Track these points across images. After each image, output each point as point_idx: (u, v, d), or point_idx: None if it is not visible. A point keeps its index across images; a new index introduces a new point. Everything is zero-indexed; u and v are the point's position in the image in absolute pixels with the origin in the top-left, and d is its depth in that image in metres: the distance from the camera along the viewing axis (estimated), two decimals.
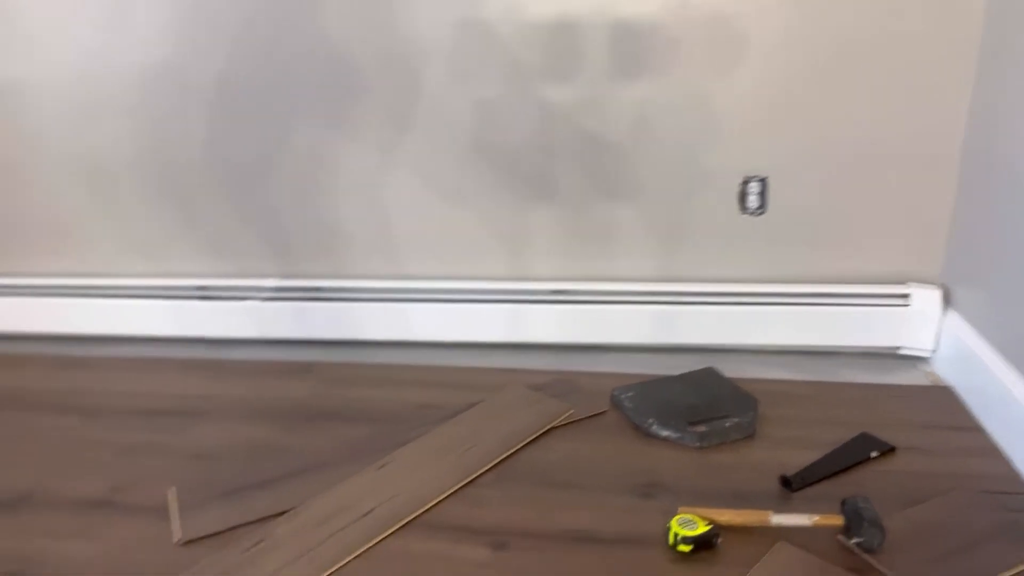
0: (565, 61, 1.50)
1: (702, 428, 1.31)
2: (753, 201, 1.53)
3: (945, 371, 1.50)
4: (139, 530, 1.16)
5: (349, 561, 1.07)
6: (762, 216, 1.55)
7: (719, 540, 1.06)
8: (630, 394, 1.43)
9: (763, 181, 1.51)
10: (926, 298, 1.52)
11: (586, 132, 1.54)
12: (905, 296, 1.53)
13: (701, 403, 1.39)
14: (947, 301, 1.52)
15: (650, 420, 1.34)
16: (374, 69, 1.56)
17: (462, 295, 1.68)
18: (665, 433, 1.32)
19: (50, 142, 1.73)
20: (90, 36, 1.62)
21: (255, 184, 1.70)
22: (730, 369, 1.54)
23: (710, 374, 1.50)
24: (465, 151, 1.60)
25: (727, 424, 1.31)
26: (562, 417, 1.40)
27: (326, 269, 1.75)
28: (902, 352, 1.57)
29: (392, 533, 1.12)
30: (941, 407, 1.40)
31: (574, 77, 1.51)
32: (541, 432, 1.36)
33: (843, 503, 1.08)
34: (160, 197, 1.74)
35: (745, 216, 1.55)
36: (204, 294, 1.79)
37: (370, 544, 1.10)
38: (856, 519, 1.04)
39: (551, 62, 1.51)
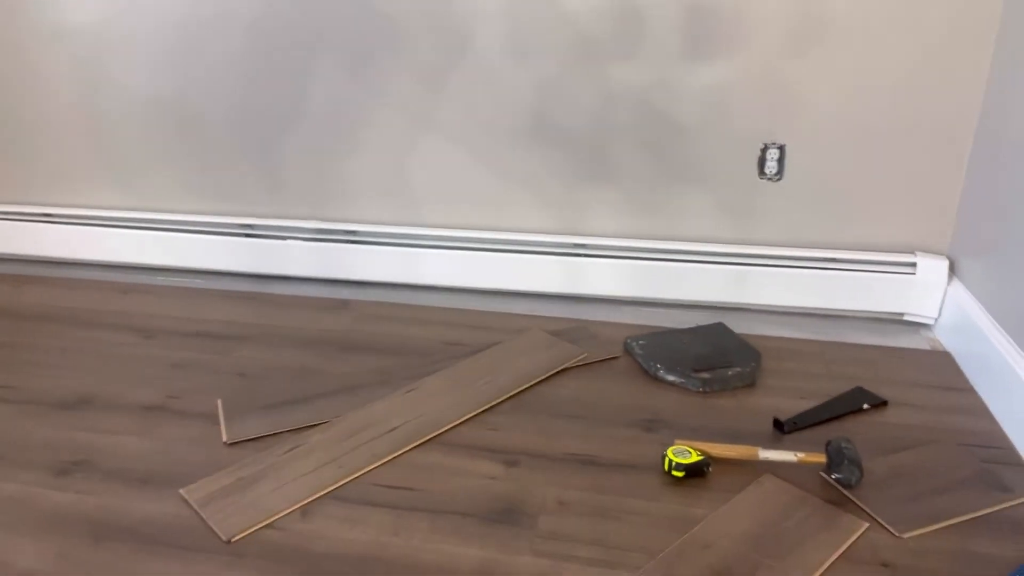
0: (627, 35, 1.58)
1: (705, 375, 1.40)
2: (772, 167, 1.60)
3: (946, 338, 1.57)
4: (191, 431, 1.30)
5: (375, 467, 1.19)
6: (779, 182, 1.62)
7: (710, 469, 1.16)
8: (642, 342, 1.52)
9: (781, 148, 1.58)
10: (932, 268, 1.58)
11: (614, 84, 1.62)
12: (912, 265, 1.59)
13: (707, 353, 1.48)
14: (953, 272, 1.59)
15: (658, 365, 1.44)
16: (429, 28, 1.66)
17: (487, 245, 1.79)
18: (671, 377, 1.42)
19: (111, 85, 1.86)
20: None
21: (304, 131, 1.81)
22: (741, 326, 1.63)
23: (719, 328, 1.58)
24: (517, 118, 1.69)
25: (729, 372, 1.41)
26: (576, 359, 1.50)
27: (363, 216, 1.86)
28: (906, 318, 1.64)
29: (415, 447, 1.24)
30: (938, 369, 1.48)
31: (635, 53, 1.59)
32: (555, 371, 1.46)
33: (828, 443, 1.17)
34: (212, 140, 1.87)
35: (763, 181, 1.62)
36: (249, 232, 1.91)
37: (394, 455, 1.22)
38: (838, 457, 1.13)
39: (611, 34, 1.58)
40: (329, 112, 1.78)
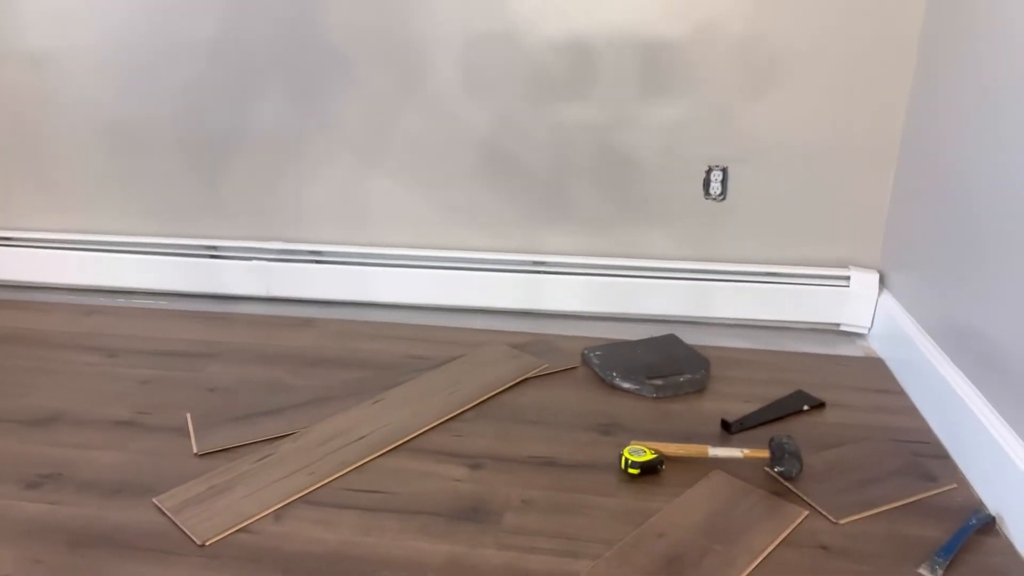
0: (577, 74, 1.68)
1: (659, 381, 1.49)
2: (716, 188, 1.71)
3: (878, 345, 1.69)
4: (161, 444, 1.32)
5: (345, 473, 1.24)
6: (723, 202, 1.73)
7: (663, 467, 1.24)
8: (598, 352, 1.60)
9: (724, 170, 1.69)
10: (864, 281, 1.70)
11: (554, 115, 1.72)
12: (846, 279, 1.71)
13: (660, 362, 1.57)
14: (883, 284, 1.71)
15: (613, 373, 1.52)
16: (388, 60, 1.74)
17: (449, 264, 1.86)
18: (626, 385, 1.50)
19: (74, 109, 1.89)
20: (110, 9, 1.79)
21: (267, 154, 1.87)
22: (690, 338, 1.73)
23: (670, 339, 1.67)
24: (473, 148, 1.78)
25: (681, 379, 1.49)
26: (537, 370, 1.57)
27: (328, 236, 1.92)
28: (842, 328, 1.76)
29: (383, 454, 1.29)
30: (871, 374, 1.59)
31: (589, 83, 1.69)
32: (517, 381, 1.53)
33: (771, 440, 1.26)
34: (178, 164, 1.91)
35: (708, 201, 1.73)
36: (214, 253, 1.95)
37: (363, 461, 1.27)
38: (779, 452, 1.22)
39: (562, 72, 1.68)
40: (291, 137, 1.84)
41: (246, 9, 1.74)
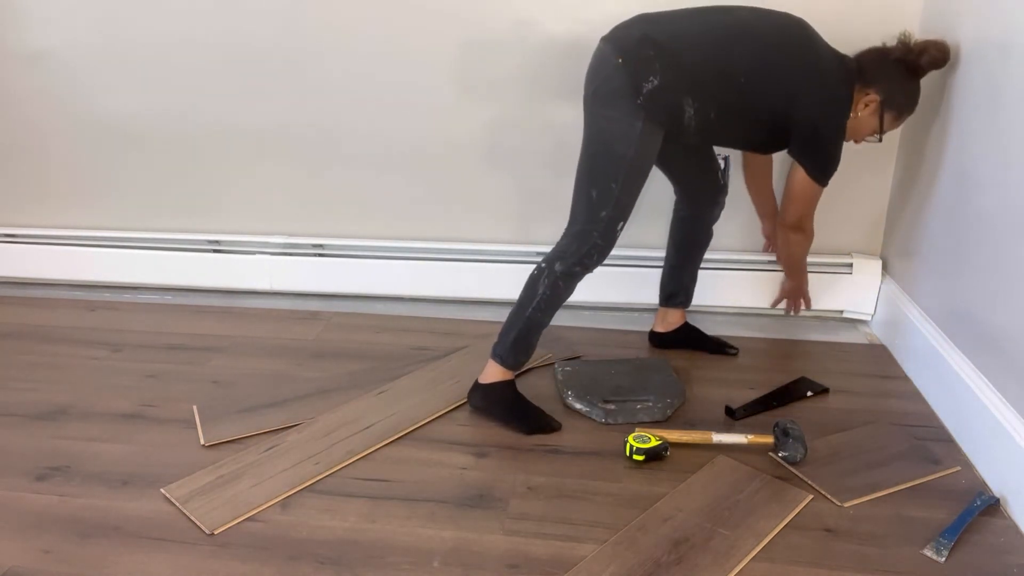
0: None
1: (611, 406, 1.38)
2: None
3: (881, 332, 1.69)
4: (168, 436, 1.33)
5: (351, 462, 1.25)
6: (728, 194, 1.72)
7: (668, 453, 1.24)
8: (567, 369, 1.50)
9: (726, 160, 1.68)
10: (867, 268, 1.70)
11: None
12: (848, 266, 1.71)
13: (627, 385, 1.45)
14: (886, 271, 1.71)
15: (569, 392, 1.42)
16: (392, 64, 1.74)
17: (452, 256, 1.86)
18: (578, 405, 1.40)
19: (76, 105, 1.89)
20: (111, 6, 1.79)
21: (273, 148, 1.87)
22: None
23: (657, 364, 1.56)
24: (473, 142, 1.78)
25: (638, 406, 1.38)
26: (541, 359, 1.58)
27: (329, 229, 1.92)
28: (845, 315, 1.76)
29: (389, 443, 1.30)
30: (874, 360, 1.59)
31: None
32: (521, 371, 1.53)
33: (775, 425, 1.26)
34: (178, 160, 1.91)
35: None
36: (217, 248, 1.95)
37: (370, 450, 1.27)
38: (784, 437, 1.23)
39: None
40: (300, 131, 1.84)
41: (245, 6, 1.75)
